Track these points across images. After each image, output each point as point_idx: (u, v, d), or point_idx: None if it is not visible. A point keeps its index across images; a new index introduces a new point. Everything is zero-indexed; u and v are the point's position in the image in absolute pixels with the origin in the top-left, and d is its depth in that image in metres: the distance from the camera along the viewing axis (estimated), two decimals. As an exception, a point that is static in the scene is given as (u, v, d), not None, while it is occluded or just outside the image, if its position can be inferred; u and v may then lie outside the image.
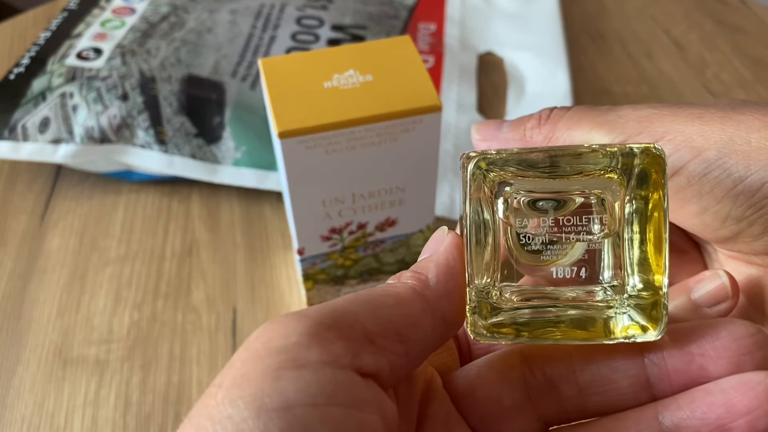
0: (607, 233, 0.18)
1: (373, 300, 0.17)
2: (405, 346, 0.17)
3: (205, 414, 0.14)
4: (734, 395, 0.17)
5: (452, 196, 0.42)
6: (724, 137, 0.20)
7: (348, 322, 0.16)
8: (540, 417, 0.19)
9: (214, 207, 0.44)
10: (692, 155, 0.20)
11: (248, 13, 0.50)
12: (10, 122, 0.43)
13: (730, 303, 0.21)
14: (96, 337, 0.37)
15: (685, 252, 0.24)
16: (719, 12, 0.61)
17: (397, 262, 0.36)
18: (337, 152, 0.28)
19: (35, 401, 0.34)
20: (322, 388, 0.14)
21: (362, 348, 0.16)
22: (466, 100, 0.49)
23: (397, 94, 0.28)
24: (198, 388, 0.35)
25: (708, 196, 0.20)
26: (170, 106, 0.43)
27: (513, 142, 0.23)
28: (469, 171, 0.18)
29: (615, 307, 0.18)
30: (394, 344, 0.16)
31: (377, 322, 0.16)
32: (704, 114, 0.20)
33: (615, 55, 0.57)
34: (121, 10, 0.51)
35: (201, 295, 0.39)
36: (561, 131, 0.22)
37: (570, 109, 0.23)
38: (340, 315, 0.16)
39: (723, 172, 0.19)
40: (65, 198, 0.45)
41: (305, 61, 0.30)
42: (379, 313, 0.16)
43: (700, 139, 0.20)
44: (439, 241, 0.19)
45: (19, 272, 0.40)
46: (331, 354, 0.15)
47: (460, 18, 0.57)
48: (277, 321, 0.16)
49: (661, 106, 0.21)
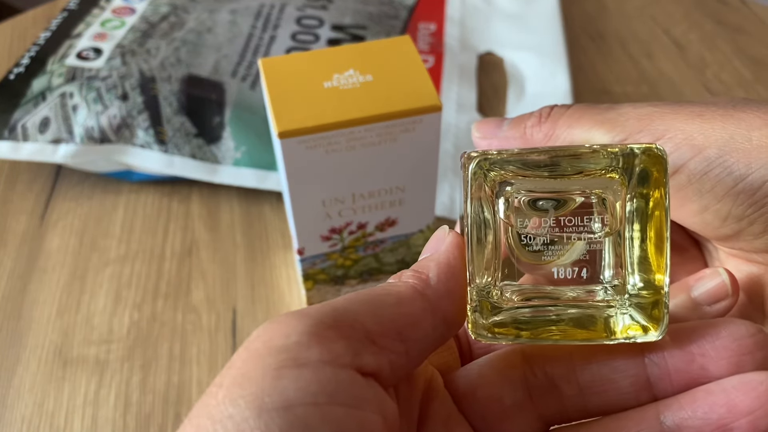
0: (608, 232, 0.18)
1: (373, 299, 0.17)
2: (405, 346, 0.17)
3: (205, 414, 0.14)
4: (736, 395, 0.17)
5: (452, 196, 0.42)
6: (725, 135, 0.19)
7: (348, 322, 0.16)
8: (541, 416, 0.19)
9: (214, 207, 0.44)
10: (693, 153, 0.20)
11: (248, 13, 0.50)
12: (10, 122, 0.43)
13: (730, 301, 0.21)
14: (96, 337, 0.37)
15: (685, 250, 0.24)
16: (719, 12, 0.61)
17: (397, 262, 0.36)
18: (337, 152, 0.28)
19: (35, 401, 0.34)
20: (322, 387, 0.14)
21: (363, 347, 0.16)
22: (466, 100, 0.49)
23: (397, 94, 0.28)
24: (198, 388, 0.35)
25: (709, 194, 0.20)
26: (170, 106, 0.43)
27: (513, 140, 0.23)
28: (471, 170, 0.18)
29: (616, 306, 0.18)
30: (394, 343, 0.16)
31: (378, 321, 0.16)
32: (705, 112, 0.20)
33: (615, 55, 0.57)
34: (121, 10, 0.51)
35: (201, 295, 0.39)
36: (561, 129, 0.22)
37: (570, 107, 0.23)
38: (341, 314, 0.16)
39: (724, 170, 0.19)
40: (65, 198, 0.45)
41: (305, 61, 0.30)
42: (379, 312, 0.16)
43: (700, 138, 0.20)
44: (440, 241, 0.19)
45: (19, 272, 0.40)
46: (331, 353, 0.15)
47: (460, 18, 0.57)
48: (277, 320, 0.16)
49: (662, 104, 0.21)
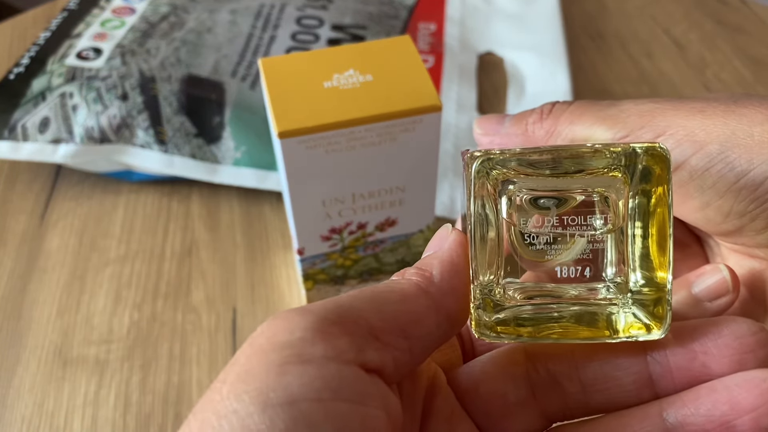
0: (611, 228, 0.18)
1: (377, 296, 0.17)
2: (409, 342, 0.17)
3: (210, 409, 0.14)
4: (739, 392, 0.17)
5: (452, 196, 0.42)
6: (727, 131, 0.19)
7: (352, 318, 0.16)
8: (543, 413, 0.19)
9: (214, 207, 0.44)
10: (694, 149, 0.20)
11: (248, 13, 0.50)
12: (10, 122, 0.43)
13: (730, 297, 0.21)
14: (96, 337, 0.37)
15: (686, 246, 0.24)
16: (719, 12, 0.61)
17: (397, 262, 0.36)
18: (337, 152, 0.28)
19: (35, 401, 0.34)
20: (326, 383, 0.14)
21: (367, 343, 0.16)
22: (466, 100, 0.49)
23: (397, 94, 0.28)
24: (198, 388, 0.35)
25: (710, 190, 0.20)
26: (170, 106, 0.43)
27: (515, 136, 0.23)
28: (474, 170, 0.18)
29: (618, 305, 0.18)
30: (398, 340, 0.16)
31: (381, 318, 0.16)
32: (706, 108, 0.20)
33: (615, 55, 0.57)
34: (121, 10, 0.51)
35: (201, 295, 0.39)
36: (563, 126, 0.22)
37: (572, 104, 0.23)
38: (345, 310, 0.16)
39: (725, 166, 0.19)
40: (65, 198, 0.45)
41: (305, 61, 0.30)
42: (383, 309, 0.16)
43: (702, 134, 0.20)
44: (443, 239, 0.19)
45: (19, 272, 0.40)
46: (335, 349, 0.15)
47: (460, 18, 0.57)
48: (280, 316, 0.16)
49: (663, 100, 0.21)
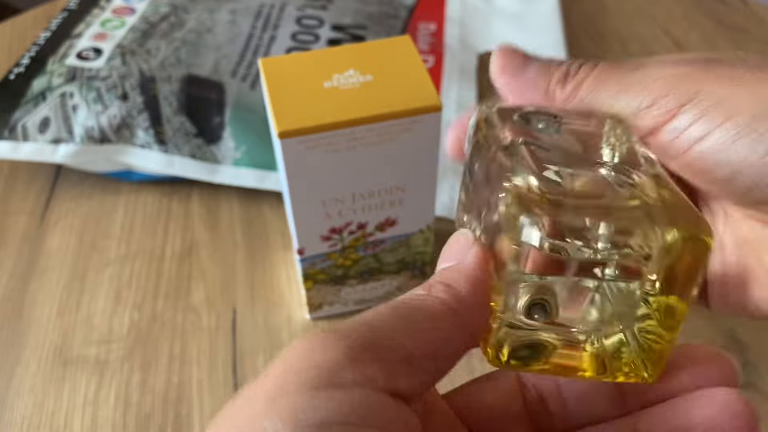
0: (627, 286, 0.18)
1: (407, 315, 0.17)
2: (437, 364, 0.17)
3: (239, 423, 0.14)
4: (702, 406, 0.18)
5: (452, 196, 0.42)
6: (758, 102, 0.19)
7: (386, 344, 0.16)
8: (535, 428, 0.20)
9: (214, 207, 0.44)
10: (723, 119, 0.19)
11: (248, 13, 0.50)
12: (10, 122, 0.43)
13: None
14: (96, 337, 0.37)
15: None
16: (719, 12, 0.61)
17: (397, 262, 0.36)
18: (337, 152, 0.28)
19: (35, 401, 0.34)
20: (354, 409, 0.14)
21: (398, 370, 0.16)
22: (466, 100, 0.49)
23: (397, 94, 0.28)
24: (198, 388, 0.35)
25: (738, 161, 0.19)
26: (170, 106, 0.43)
27: (533, 89, 0.22)
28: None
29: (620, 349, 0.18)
30: (428, 363, 0.16)
31: (413, 341, 0.16)
32: (734, 74, 0.20)
33: (615, 55, 0.57)
34: (121, 10, 0.51)
35: (201, 295, 0.39)
36: (585, 92, 0.22)
37: (597, 67, 0.22)
38: (378, 336, 0.16)
39: (758, 137, 0.19)
40: (65, 198, 0.45)
41: (305, 61, 0.30)
42: (415, 331, 0.16)
43: (731, 103, 0.19)
44: (465, 248, 0.18)
45: (19, 272, 0.40)
46: (365, 376, 0.15)
47: (460, 18, 0.57)
48: (315, 337, 0.16)
49: (690, 60, 0.21)
